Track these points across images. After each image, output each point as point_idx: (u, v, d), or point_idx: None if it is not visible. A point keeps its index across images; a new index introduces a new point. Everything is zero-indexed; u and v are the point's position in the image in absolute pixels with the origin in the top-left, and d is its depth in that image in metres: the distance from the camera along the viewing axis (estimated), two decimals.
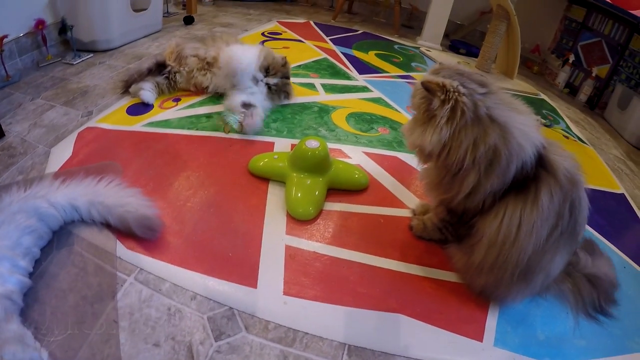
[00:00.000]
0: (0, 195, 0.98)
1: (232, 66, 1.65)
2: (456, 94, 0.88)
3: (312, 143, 1.24)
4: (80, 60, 2.01)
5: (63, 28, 1.99)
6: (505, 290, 0.98)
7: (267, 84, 1.69)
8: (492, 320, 1.00)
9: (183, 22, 2.78)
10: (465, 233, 1.04)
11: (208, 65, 1.74)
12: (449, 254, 1.11)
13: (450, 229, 1.12)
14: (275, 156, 1.33)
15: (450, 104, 0.88)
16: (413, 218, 1.24)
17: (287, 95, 1.79)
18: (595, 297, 1.07)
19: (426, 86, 0.90)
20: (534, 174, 0.90)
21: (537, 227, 0.88)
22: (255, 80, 1.68)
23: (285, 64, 1.75)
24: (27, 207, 0.95)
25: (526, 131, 0.89)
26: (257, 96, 1.65)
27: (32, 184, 1.03)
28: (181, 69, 1.73)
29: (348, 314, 0.95)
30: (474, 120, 0.87)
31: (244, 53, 1.69)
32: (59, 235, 1.01)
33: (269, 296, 0.96)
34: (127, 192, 1.10)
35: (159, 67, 1.71)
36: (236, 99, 1.60)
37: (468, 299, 1.03)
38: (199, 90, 1.77)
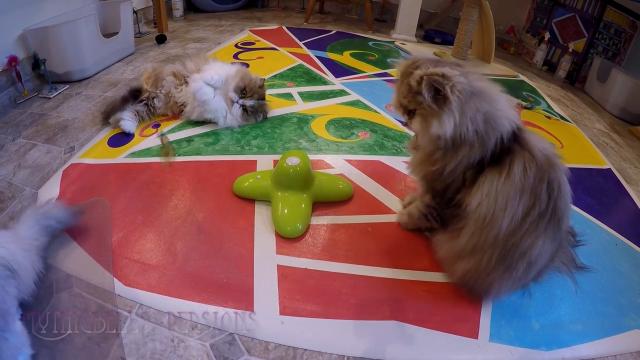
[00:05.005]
0: None
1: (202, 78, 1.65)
2: (453, 80, 0.89)
3: (293, 160, 1.26)
4: (57, 92, 2.00)
5: (36, 63, 1.98)
6: (486, 278, 0.98)
7: (242, 105, 1.67)
8: (485, 316, 1.02)
9: (156, 42, 2.77)
10: (450, 214, 1.06)
11: (185, 78, 1.73)
12: (435, 242, 1.13)
13: (434, 214, 1.15)
14: (259, 176, 1.34)
15: (456, 89, 0.89)
16: (399, 214, 1.28)
17: (264, 114, 1.78)
18: (571, 253, 1.11)
19: (433, 81, 0.90)
20: (509, 148, 0.93)
21: (510, 200, 0.90)
22: (230, 102, 1.67)
23: (262, 86, 1.73)
24: None
25: (503, 108, 0.94)
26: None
27: None
28: (158, 92, 1.73)
29: (344, 326, 0.97)
30: (470, 95, 0.91)
31: (217, 70, 1.69)
32: (57, 279, 1.03)
33: (266, 317, 0.97)
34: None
35: (134, 94, 1.70)
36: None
37: (460, 298, 1.05)
38: (177, 113, 1.77)
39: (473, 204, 0.95)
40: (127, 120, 1.63)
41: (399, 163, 1.54)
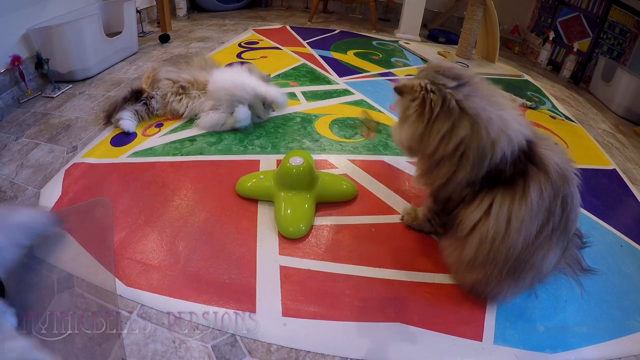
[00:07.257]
0: None
1: (238, 94, 1.64)
2: (423, 91, 0.91)
3: (296, 160, 1.25)
4: (60, 92, 2.00)
5: (39, 62, 1.98)
6: (495, 287, 0.98)
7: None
8: (490, 319, 1.01)
9: (159, 41, 2.77)
10: (451, 223, 1.06)
11: (183, 89, 1.73)
12: (441, 246, 1.13)
13: (437, 219, 1.15)
14: (262, 176, 1.33)
15: (417, 101, 0.92)
16: (403, 210, 1.29)
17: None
18: (578, 255, 1.10)
19: (397, 89, 0.96)
20: (523, 170, 0.91)
21: (526, 223, 0.89)
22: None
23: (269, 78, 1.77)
24: None
25: (503, 125, 0.90)
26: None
27: None
28: (154, 93, 1.72)
29: (347, 328, 0.96)
30: (444, 113, 0.90)
31: (247, 82, 1.68)
32: (59, 279, 1.02)
33: (268, 319, 0.97)
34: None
35: (136, 95, 1.70)
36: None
37: (464, 300, 1.04)
38: (176, 116, 1.76)
39: (468, 221, 0.97)
40: (126, 120, 1.63)
41: (403, 163, 1.53)
